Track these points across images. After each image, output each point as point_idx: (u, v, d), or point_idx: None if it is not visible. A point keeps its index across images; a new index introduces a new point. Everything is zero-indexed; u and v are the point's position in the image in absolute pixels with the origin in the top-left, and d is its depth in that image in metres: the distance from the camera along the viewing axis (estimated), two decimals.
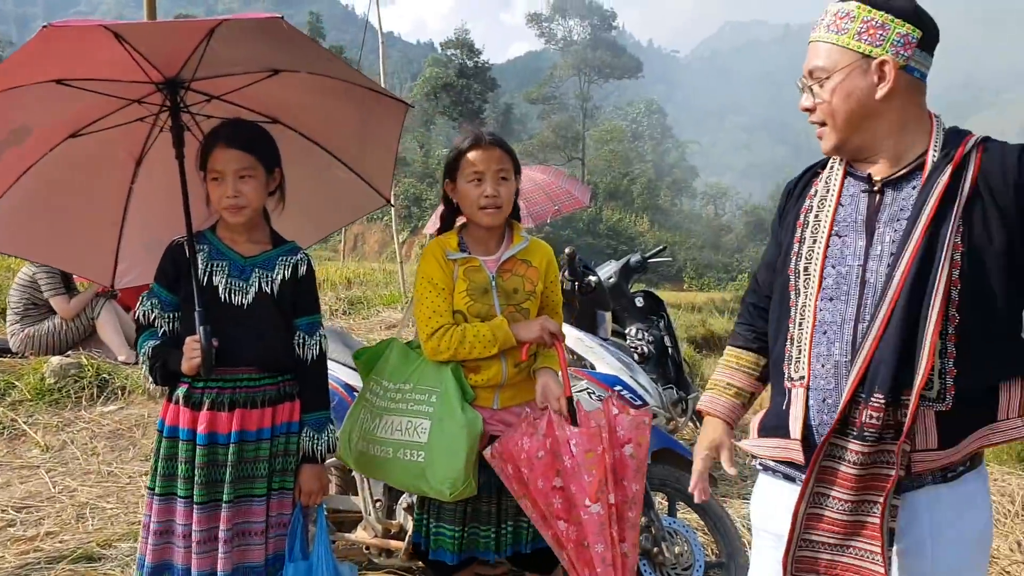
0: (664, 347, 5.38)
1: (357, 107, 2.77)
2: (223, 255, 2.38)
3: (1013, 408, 1.68)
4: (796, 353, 1.79)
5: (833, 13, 1.74)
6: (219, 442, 2.29)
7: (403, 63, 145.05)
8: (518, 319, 2.49)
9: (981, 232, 1.63)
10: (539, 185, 6.67)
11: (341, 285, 12.14)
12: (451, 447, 2.33)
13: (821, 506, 1.68)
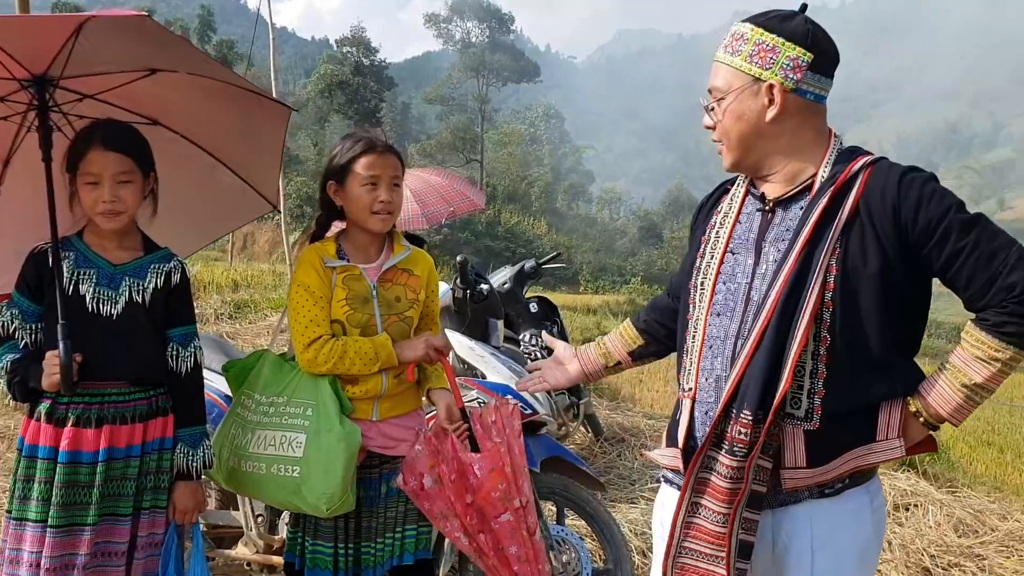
0: None
1: (239, 110, 2.66)
2: (91, 262, 2.25)
3: (892, 429, 1.70)
4: (688, 365, 1.82)
5: (731, 34, 1.76)
6: (83, 461, 2.15)
7: (297, 59, 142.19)
8: (402, 328, 2.44)
9: (857, 254, 1.65)
10: (434, 187, 6.65)
11: (228, 288, 11.77)
12: (328, 462, 2.25)
13: (696, 515, 1.71)
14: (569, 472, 3.20)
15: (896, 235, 1.63)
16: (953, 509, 4.49)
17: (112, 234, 2.28)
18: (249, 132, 2.75)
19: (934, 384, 1.70)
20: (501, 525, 2.30)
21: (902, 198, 1.63)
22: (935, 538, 4.05)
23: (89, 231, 2.30)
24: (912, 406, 1.71)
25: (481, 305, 3.36)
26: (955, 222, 1.61)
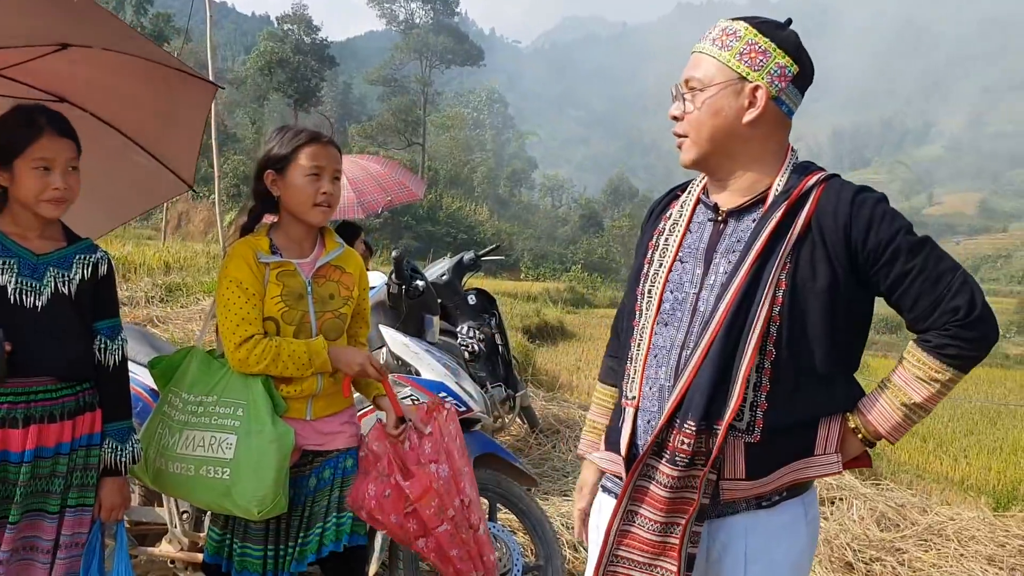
0: (495, 345, 5.42)
1: (158, 87, 2.56)
2: (10, 252, 2.13)
3: (830, 443, 1.71)
4: (632, 373, 1.80)
5: (721, 28, 1.73)
6: (10, 460, 2.06)
7: (236, 35, 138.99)
8: (336, 325, 2.39)
9: (806, 270, 1.65)
10: (372, 175, 6.54)
11: (159, 270, 11.45)
12: (259, 463, 2.19)
13: (632, 523, 1.70)
14: (502, 468, 3.21)
15: (846, 253, 1.65)
16: (876, 503, 4.63)
17: (35, 223, 2.18)
18: (168, 110, 2.66)
19: (874, 402, 1.71)
20: (440, 534, 2.33)
21: (853, 217, 1.64)
22: (858, 532, 4.18)
23: (8, 219, 2.18)
24: (851, 422, 1.73)
25: (417, 301, 3.33)
26: (904, 244, 1.63)
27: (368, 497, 2.29)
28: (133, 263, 11.71)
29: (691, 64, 1.75)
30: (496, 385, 5.18)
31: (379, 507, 2.29)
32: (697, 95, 1.72)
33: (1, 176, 2.12)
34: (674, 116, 1.77)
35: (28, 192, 2.11)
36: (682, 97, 1.76)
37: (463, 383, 3.13)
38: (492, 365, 5.33)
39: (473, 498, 2.45)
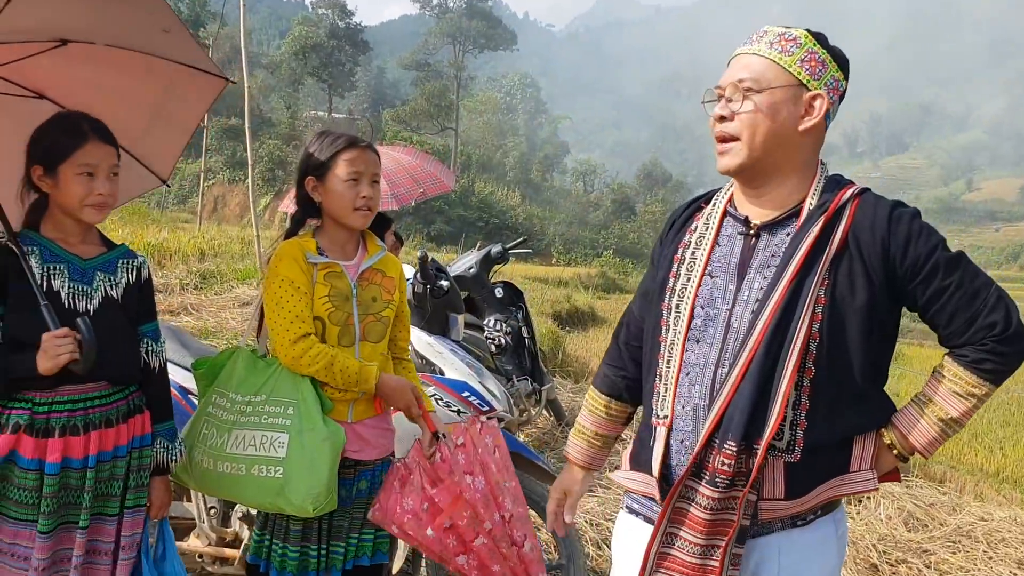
0: (521, 338, 5.43)
1: (156, 84, 2.55)
2: (59, 257, 2.15)
3: (865, 460, 1.71)
4: (663, 391, 1.77)
5: (778, 33, 1.70)
6: (73, 467, 2.10)
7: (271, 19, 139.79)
8: (378, 329, 2.43)
9: (845, 286, 1.64)
10: (404, 167, 6.52)
11: (194, 257, 11.60)
12: (313, 461, 2.22)
13: (672, 546, 1.69)
14: (524, 466, 3.21)
15: (883, 268, 1.64)
16: (904, 502, 4.58)
17: (77, 229, 2.20)
18: (161, 106, 2.63)
19: (910, 417, 1.72)
20: (480, 547, 2.32)
21: (891, 232, 1.64)
22: (885, 533, 4.13)
23: (50, 226, 2.20)
24: (886, 438, 1.73)
25: (441, 300, 3.34)
26: (941, 260, 1.64)
27: (402, 511, 2.29)
28: (168, 250, 11.90)
29: (741, 65, 1.71)
30: (522, 378, 5.20)
31: (415, 521, 2.29)
32: (753, 96, 1.67)
33: (44, 182, 2.14)
34: (722, 116, 1.71)
35: (72, 197, 2.13)
36: (728, 99, 1.71)
37: (486, 382, 3.14)
38: (519, 358, 5.34)
39: (517, 514, 2.43)
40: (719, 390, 1.67)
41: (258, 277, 10.03)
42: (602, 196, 63.56)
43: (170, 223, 21.76)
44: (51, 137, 2.14)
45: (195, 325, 7.64)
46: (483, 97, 73.13)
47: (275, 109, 61.02)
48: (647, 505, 1.84)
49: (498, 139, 66.75)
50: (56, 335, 2.03)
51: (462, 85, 63.70)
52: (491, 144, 64.83)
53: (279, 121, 55.46)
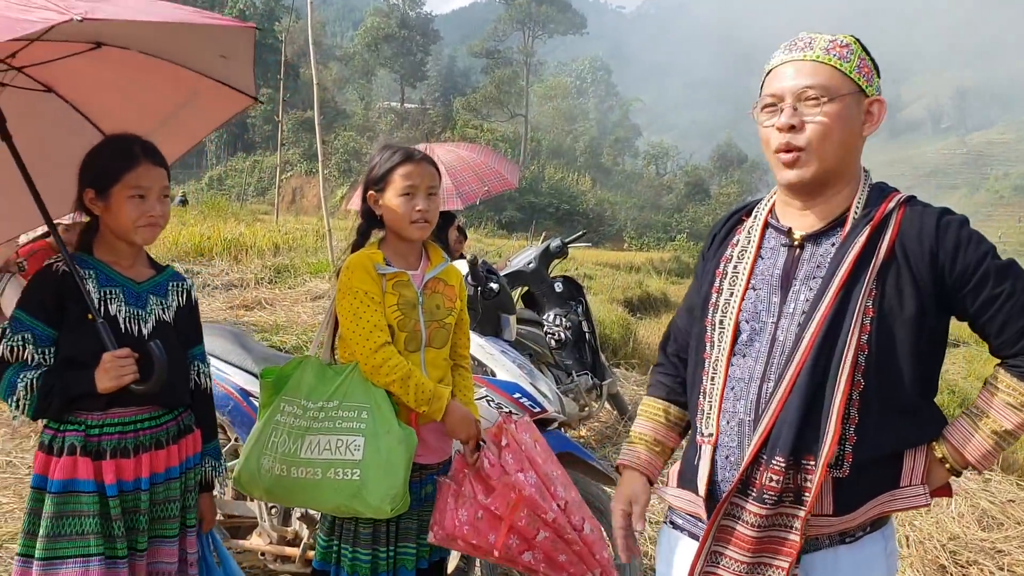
0: (582, 332, 5.43)
1: (178, 92, 2.55)
2: (114, 281, 2.16)
3: (916, 475, 1.66)
4: (708, 408, 1.75)
5: (830, 39, 1.67)
6: (126, 490, 2.11)
7: (345, 11, 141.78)
8: (442, 335, 2.49)
9: (893, 297, 1.61)
10: (468, 164, 6.50)
11: (269, 251, 11.91)
12: (389, 463, 2.27)
13: (717, 564, 1.66)
14: (580, 467, 3.22)
15: (932, 277, 1.60)
16: (979, 499, 4.41)
17: (129, 251, 2.22)
18: (174, 114, 2.63)
19: (962, 430, 1.67)
20: (542, 543, 2.35)
21: (940, 241, 1.60)
22: (956, 532, 3.98)
23: (104, 248, 2.20)
24: (938, 452, 1.68)
25: (492, 301, 3.37)
26: (992, 268, 1.59)
27: (459, 524, 2.33)
28: (244, 245, 12.22)
29: (806, 71, 1.66)
30: (582, 373, 5.19)
31: (474, 532, 2.32)
32: (824, 104, 1.63)
33: (96, 205, 2.15)
34: (791, 125, 1.65)
35: (125, 219, 2.13)
36: (794, 106, 1.66)
37: (537, 383, 3.15)
38: (579, 353, 5.34)
39: (570, 499, 2.44)
40: (765, 405, 1.64)
41: (330, 271, 10.24)
42: (675, 179, 62.71)
43: (249, 216, 22.33)
44: (102, 160, 2.16)
45: (267, 320, 7.84)
46: (553, 82, 72.78)
47: (349, 101, 62.05)
48: (691, 521, 1.83)
49: (568, 124, 66.43)
50: (118, 355, 2.05)
51: (532, 71, 63.55)
52: (561, 129, 64.57)
53: (353, 112, 56.40)
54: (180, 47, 2.39)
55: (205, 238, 12.38)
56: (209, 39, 2.33)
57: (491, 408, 3.07)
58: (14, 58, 2.27)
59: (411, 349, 2.42)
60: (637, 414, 2.05)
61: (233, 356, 3.27)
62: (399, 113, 57.19)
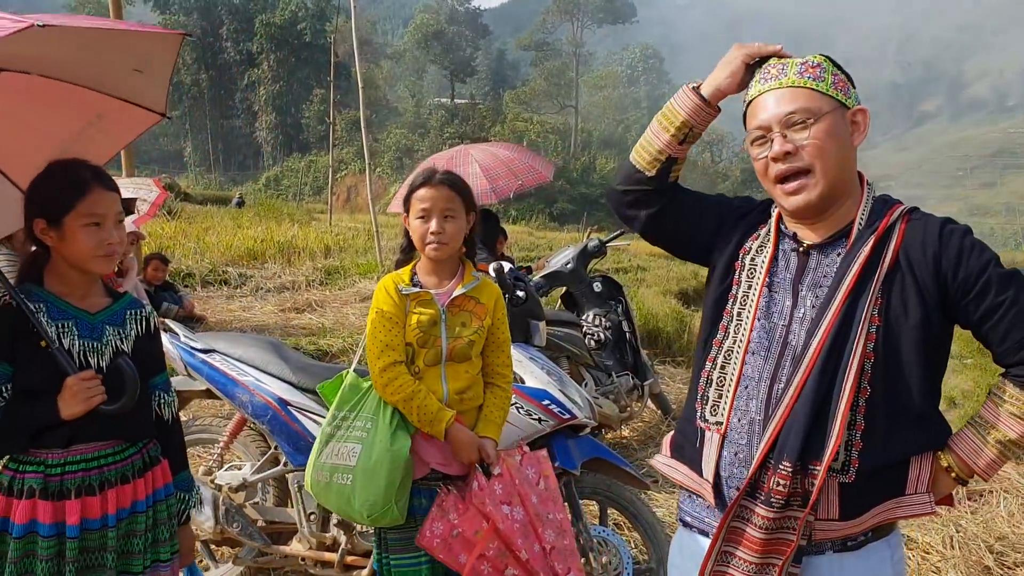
0: (622, 332, 5.42)
1: (79, 117, 2.39)
2: (66, 313, 2.04)
3: (922, 483, 1.69)
4: (715, 397, 1.78)
5: (801, 63, 1.71)
6: (92, 528, 2.02)
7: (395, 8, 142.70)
8: (463, 351, 2.54)
9: (898, 305, 1.63)
10: (502, 160, 6.61)
11: (320, 253, 12.11)
12: (373, 473, 2.42)
13: (728, 564, 1.71)
14: (612, 472, 3.24)
15: (936, 286, 1.63)
16: None
17: (82, 281, 2.10)
18: (75, 140, 2.46)
19: (967, 439, 1.70)
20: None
21: (943, 249, 1.63)
22: (1004, 532, 3.88)
23: (54, 279, 2.08)
24: (943, 461, 1.70)
25: (520, 308, 3.39)
26: (994, 276, 1.61)
27: (432, 536, 2.39)
28: (296, 247, 12.46)
29: (786, 99, 1.68)
30: (623, 374, 5.19)
31: (445, 547, 2.38)
32: (810, 126, 1.66)
33: (49, 236, 2.03)
34: (786, 152, 1.67)
35: (81, 250, 2.02)
36: (782, 135, 1.68)
37: (567, 390, 3.17)
38: (620, 353, 5.34)
39: (560, 546, 2.47)
40: (775, 407, 1.67)
41: (378, 271, 10.38)
42: (731, 166, 61.72)
43: (305, 216, 22.70)
44: (52, 189, 2.03)
45: (316, 323, 7.99)
46: (603, 72, 72.27)
47: (400, 98, 62.55)
48: (698, 516, 1.86)
49: (619, 113, 65.89)
50: (83, 377, 1.96)
51: (581, 62, 63.21)
52: (612, 119, 64.09)
53: (404, 110, 56.85)
54: (92, 64, 2.27)
55: (258, 241, 12.66)
56: (127, 50, 2.23)
57: (520, 415, 3.10)
58: None
59: (430, 363, 2.52)
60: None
61: (272, 367, 3.35)
62: (449, 109, 57.40)
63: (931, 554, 3.70)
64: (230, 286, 10.67)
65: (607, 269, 17.32)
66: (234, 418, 3.43)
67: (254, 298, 10.12)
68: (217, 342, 3.46)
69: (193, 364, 3.39)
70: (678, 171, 1.95)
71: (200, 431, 3.58)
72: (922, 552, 3.72)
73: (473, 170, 6.42)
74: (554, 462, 3.16)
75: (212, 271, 10.92)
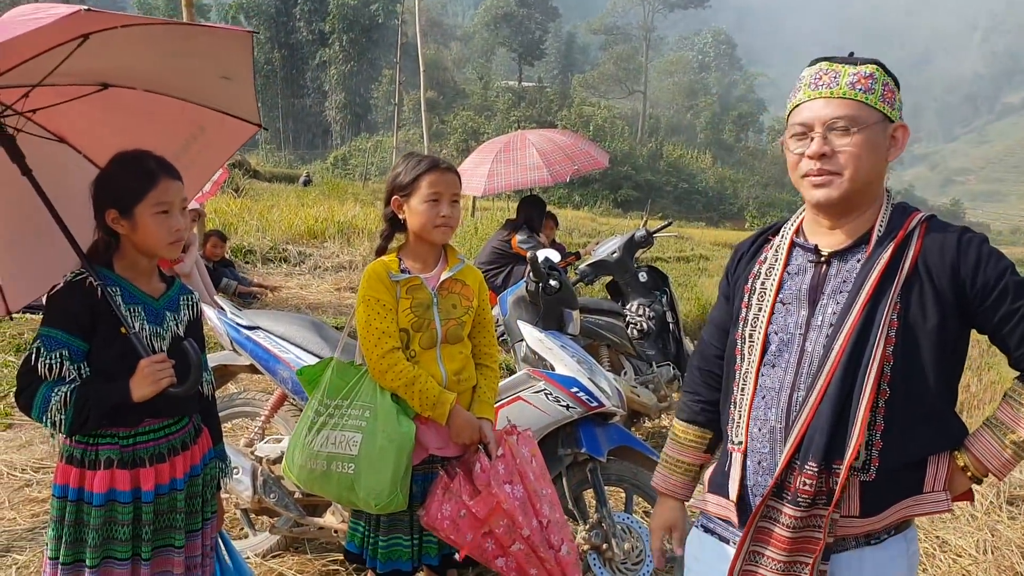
0: (665, 323, 5.42)
1: (183, 130, 2.59)
2: (136, 298, 2.17)
3: (939, 481, 1.74)
4: (737, 418, 1.85)
5: (853, 72, 1.75)
6: (162, 492, 2.19)
7: None
8: (457, 331, 2.61)
9: (917, 310, 1.68)
10: (559, 146, 6.69)
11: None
12: (379, 461, 2.45)
13: (756, 564, 1.76)
14: (640, 460, 3.27)
15: (953, 292, 1.68)
16: None
17: (149, 267, 2.23)
18: (183, 152, 2.61)
19: (982, 440, 1.74)
20: (519, 552, 2.47)
21: (962, 257, 1.68)
22: None
23: (124, 264, 2.20)
24: (959, 460, 1.75)
25: (554, 297, 3.44)
26: (1011, 284, 1.66)
27: (442, 517, 2.46)
28: (356, 227, 12.67)
29: (831, 106, 1.74)
30: (663, 364, 5.20)
31: (454, 527, 2.45)
32: (852, 134, 1.72)
33: (121, 225, 2.13)
34: (822, 153, 1.74)
35: (153, 238, 2.14)
36: (824, 135, 1.74)
37: (596, 378, 3.20)
38: (662, 343, 5.34)
39: (554, 519, 2.55)
40: (797, 413, 1.73)
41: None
42: None
43: (370, 196, 22.97)
44: (121, 180, 2.15)
45: None
46: (673, 57, 71.32)
47: (469, 80, 62.68)
48: (722, 525, 1.91)
49: (688, 100, 64.98)
50: (155, 360, 2.07)
51: (651, 46, 62.41)
52: (681, 105, 63.23)
53: (472, 92, 56.96)
54: (184, 74, 2.40)
55: (320, 220, 12.90)
56: (208, 55, 2.34)
57: (549, 401, 3.16)
58: (26, 100, 2.26)
59: (425, 346, 2.56)
60: (668, 436, 2.14)
61: (312, 345, 3.46)
62: (516, 92, 57.37)
63: (963, 557, 3.64)
64: (289, 263, 10.94)
65: (669, 257, 17.25)
66: (275, 393, 3.55)
67: (312, 276, 10.37)
68: (261, 319, 3.60)
69: (238, 340, 3.53)
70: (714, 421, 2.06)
71: (243, 404, 3.72)
72: (954, 555, 3.67)
73: (530, 153, 6.49)
74: (580, 448, 3.22)
75: (273, 248, 11.20)
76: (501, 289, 5.33)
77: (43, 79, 2.17)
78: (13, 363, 5.79)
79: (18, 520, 3.84)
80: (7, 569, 3.39)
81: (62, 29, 1.92)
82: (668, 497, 2.10)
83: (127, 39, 2.09)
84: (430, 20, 51.39)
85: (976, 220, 76.48)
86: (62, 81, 2.25)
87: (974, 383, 6.85)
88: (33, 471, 4.37)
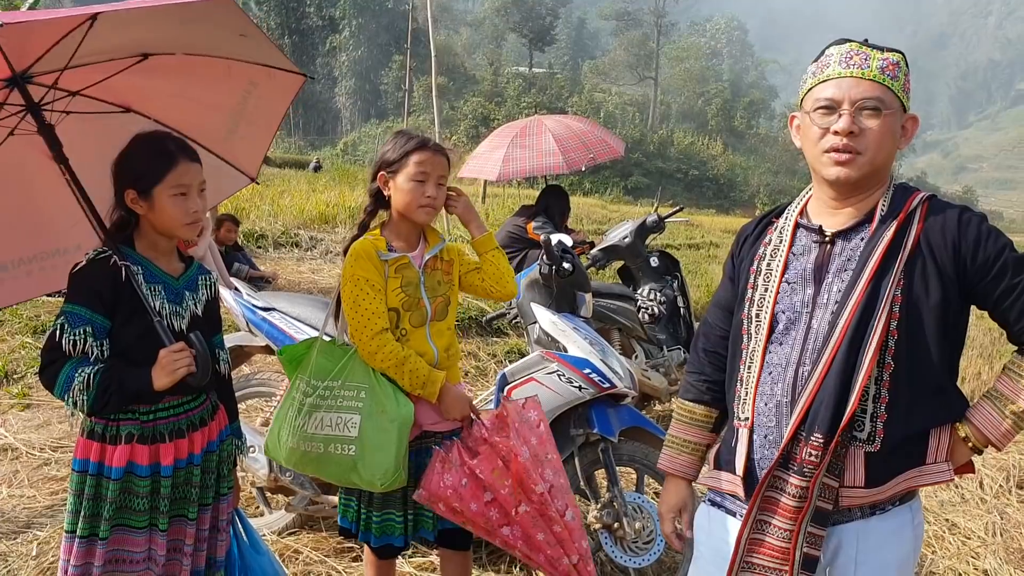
0: (676, 307, 5.44)
1: (237, 86, 2.68)
2: (155, 277, 2.21)
3: (941, 453, 1.79)
4: (743, 394, 1.90)
5: (883, 58, 1.79)
6: (180, 467, 2.24)
7: None
8: (444, 307, 2.65)
9: (919, 286, 1.74)
10: (576, 133, 6.63)
11: None
12: (381, 441, 2.46)
13: (763, 532, 1.81)
14: (651, 441, 3.30)
15: (954, 269, 1.73)
16: None
17: (169, 247, 2.27)
18: (242, 108, 2.74)
19: (983, 411, 1.79)
20: (522, 516, 2.48)
21: (962, 235, 1.74)
22: None
23: (144, 244, 2.24)
24: (961, 432, 1.79)
25: (567, 280, 3.46)
26: (1010, 260, 1.72)
27: (444, 487, 2.47)
28: None
29: (859, 86, 1.77)
30: (674, 348, 5.23)
31: (457, 496, 2.47)
32: (880, 117, 1.76)
33: (140, 205, 2.17)
34: (851, 131, 1.77)
35: (170, 218, 2.17)
36: (853, 114, 1.77)
37: (608, 360, 3.24)
38: (673, 327, 5.37)
39: (557, 484, 2.57)
40: (802, 387, 1.78)
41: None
42: None
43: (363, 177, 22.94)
44: (140, 161, 2.17)
45: None
46: (685, 43, 70.89)
47: (479, 66, 62.53)
48: (729, 499, 1.95)
49: (700, 86, 64.62)
50: (173, 350, 2.12)
51: (663, 32, 62.06)
52: (692, 92, 62.89)
53: (482, 78, 56.83)
54: (207, 38, 2.47)
55: (331, 205, 12.93)
56: (212, 20, 2.37)
57: (561, 382, 3.19)
58: (73, 81, 2.34)
59: (415, 323, 2.56)
60: (673, 418, 2.17)
61: (327, 327, 3.50)
62: (527, 78, 57.20)
63: (972, 539, 3.67)
64: (301, 248, 10.97)
65: (679, 244, 17.25)
66: None
67: (323, 261, 10.40)
68: (277, 301, 3.64)
69: (254, 321, 3.57)
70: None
71: (259, 384, 3.76)
72: (963, 537, 3.69)
73: (547, 140, 6.45)
74: (592, 428, 3.26)
75: (284, 233, 11.24)
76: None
77: (68, 62, 2.21)
78: (31, 344, 5.85)
79: (37, 498, 3.90)
80: (28, 545, 3.45)
81: (69, 17, 1.99)
82: (675, 478, 2.13)
83: (132, 14, 2.15)
84: (440, 6, 51.27)
85: (989, 208, 75.96)
86: (99, 59, 2.30)
87: (985, 371, 6.84)
88: (52, 450, 4.44)
